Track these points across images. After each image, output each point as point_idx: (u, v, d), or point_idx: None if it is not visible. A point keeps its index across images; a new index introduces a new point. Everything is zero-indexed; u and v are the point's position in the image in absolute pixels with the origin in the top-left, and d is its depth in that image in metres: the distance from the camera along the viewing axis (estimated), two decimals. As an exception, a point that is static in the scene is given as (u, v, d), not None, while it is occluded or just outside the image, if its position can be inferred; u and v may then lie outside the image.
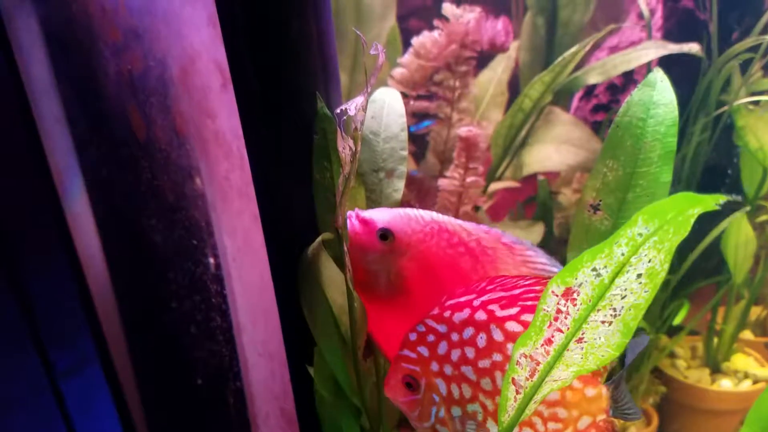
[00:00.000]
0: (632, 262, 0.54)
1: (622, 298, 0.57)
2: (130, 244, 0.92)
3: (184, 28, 0.75)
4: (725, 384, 1.56)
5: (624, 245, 0.53)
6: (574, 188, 1.69)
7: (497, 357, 0.68)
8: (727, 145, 1.43)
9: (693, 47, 1.26)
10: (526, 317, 0.68)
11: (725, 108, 1.35)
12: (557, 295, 0.59)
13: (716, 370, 1.63)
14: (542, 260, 0.75)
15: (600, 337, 0.60)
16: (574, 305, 0.59)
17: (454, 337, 0.69)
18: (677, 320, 1.45)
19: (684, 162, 1.39)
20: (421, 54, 1.07)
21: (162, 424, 1.01)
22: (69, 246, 0.87)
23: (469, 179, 1.09)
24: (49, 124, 0.84)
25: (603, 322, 0.59)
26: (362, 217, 0.76)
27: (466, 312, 0.69)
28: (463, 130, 1.01)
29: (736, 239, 1.37)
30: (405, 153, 0.90)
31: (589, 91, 1.58)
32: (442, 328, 0.70)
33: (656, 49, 1.28)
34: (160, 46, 0.76)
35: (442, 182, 1.11)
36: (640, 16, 1.63)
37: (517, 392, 0.66)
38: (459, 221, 0.76)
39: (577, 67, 1.49)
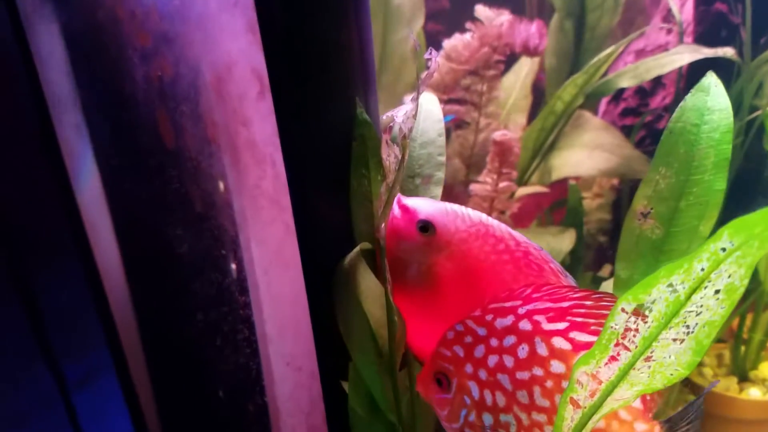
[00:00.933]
0: (712, 278, 0.51)
1: (697, 315, 0.54)
2: (152, 254, 0.89)
3: (220, 35, 0.72)
4: (754, 393, 1.53)
5: (705, 260, 0.50)
6: (594, 192, 1.67)
7: (538, 371, 0.65)
8: (760, 150, 1.40)
9: (728, 51, 1.24)
10: (575, 334, 0.65)
11: (758, 113, 1.32)
12: (627, 312, 0.55)
13: (744, 379, 1.59)
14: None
15: (670, 356, 0.57)
16: (645, 323, 0.55)
17: (494, 342, 0.67)
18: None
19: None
20: (453, 57, 1.04)
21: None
22: (86, 254, 0.84)
23: (502, 184, 1.06)
24: (69, 131, 0.81)
25: (675, 339, 0.56)
26: (404, 204, 0.73)
27: (510, 319, 0.66)
28: (497, 135, 0.98)
29: None
30: (443, 159, 0.87)
31: (618, 94, 1.55)
32: (481, 331, 0.67)
33: (690, 53, 1.25)
34: (193, 52, 0.73)
35: (475, 187, 1.08)
36: (665, 19, 1.60)
37: (575, 412, 0.63)
38: (509, 229, 0.73)
39: (606, 71, 1.46)
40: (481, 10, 1.06)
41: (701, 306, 0.53)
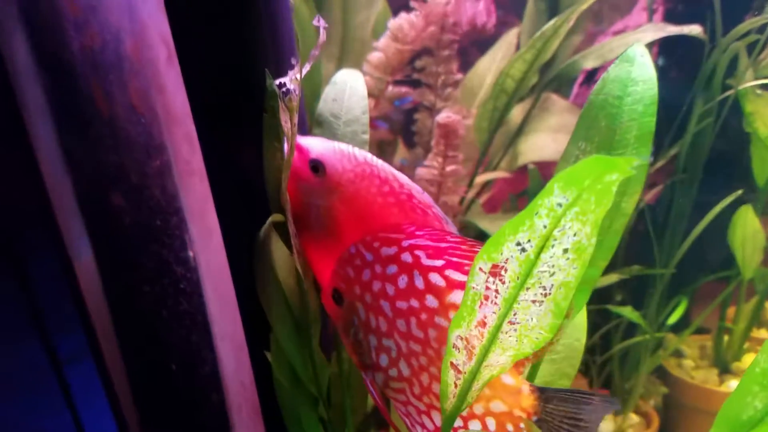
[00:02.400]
0: (556, 235, 0.50)
1: (551, 275, 0.53)
2: (105, 224, 0.91)
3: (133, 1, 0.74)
4: (734, 385, 1.48)
5: (545, 216, 0.49)
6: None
7: (414, 303, 0.67)
8: (738, 132, 1.35)
9: (694, 29, 1.20)
10: (450, 272, 0.65)
11: (731, 92, 1.28)
12: (485, 272, 0.55)
13: (725, 371, 1.55)
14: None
15: (532, 318, 0.56)
16: (503, 283, 0.55)
17: (378, 269, 0.69)
18: (673, 318, 1.38)
19: (686, 148, 1.32)
20: (398, 37, 1.04)
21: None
22: (55, 230, 0.86)
23: (448, 168, 1.05)
24: (35, 109, 0.84)
25: (534, 301, 0.55)
26: (298, 143, 0.73)
27: (394, 249, 0.68)
28: (441, 116, 0.98)
29: (743, 232, 1.30)
30: (366, 137, 0.87)
31: (590, 76, 1.52)
32: (368, 257, 0.70)
33: (655, 31, 1.22)
34: (113, 18, 0.75)
35: (420, 171, 1.08)
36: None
37: (457, 377, 0.63)
38: (393, 169, 0.72)
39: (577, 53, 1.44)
40: (425, -12, 1.06)
41: (553, 266, 0.53)
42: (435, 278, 0.65)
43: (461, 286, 0.64)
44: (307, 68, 0.67)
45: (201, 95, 0.76)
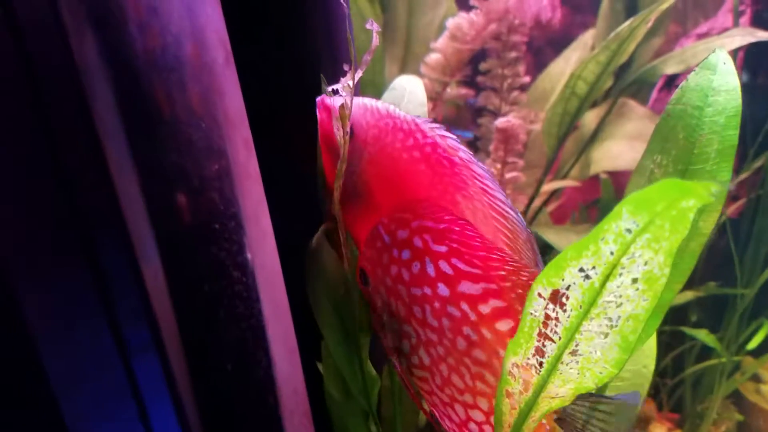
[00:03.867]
0: (624, 263, 0.46)
1: (618, 306, 0.49)
2: (167, 223, 0.91)
3: (192, 2, 0.74)
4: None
5: (612, 242, 0.45)
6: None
7: (428, 290, 0.64)
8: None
9: (787, 32, 1.11)
10: (456, 262, 0.62)
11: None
12: (544, 298, 0.51)
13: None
14: (500, 196, 0.67)
15: (596, 351, 0.52)
16: (564, 311, 0.51)
17: (395, 253, 0.66)
18: (753, 343, 1.28)
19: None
20: (458, 36, 1.00)
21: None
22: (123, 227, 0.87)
23: (508, 175, 1.00)
24: (102, 108, 0.85)
25: (598, 333, 0.51)
26: (325, 103, 0.70)
27: (406, 232, 0.65)
28: (500, 121, 0.93)
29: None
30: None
31: (670, 81, 1.43)
32: (387, 239, 0.67)
33: (743, 36, 1.13)
34: (174, 19, 0.75)
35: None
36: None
37: (513, 407, 0.59)
38: (415, 118, 0.67)
39: (658, 56, 1.36)
40: (485, -16, 1.01)
41: (620, 296, 0.48)
42: (444, 266, 0.62)
43: (468, 276, 0.61)
44: (359, 74, 0.64)
45: (256, 98, 0.75)
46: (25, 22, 0.68)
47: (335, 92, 0.65)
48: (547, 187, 1.26)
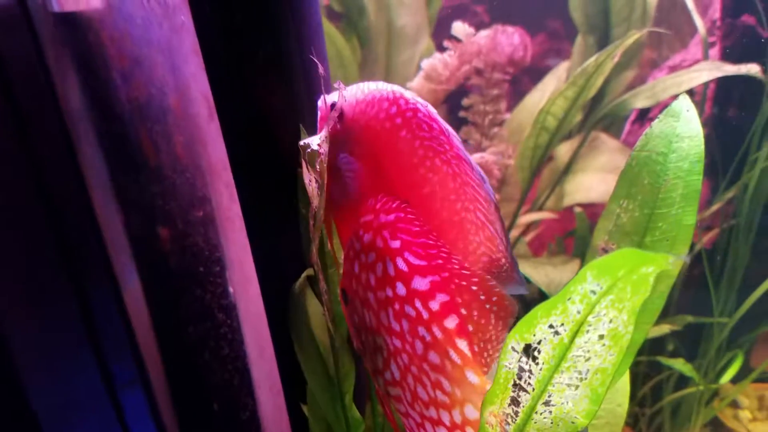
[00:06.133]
0: (590, 321, 0.48)
1: (586, 360, 0.51)
2: (152, 264, 0.92)
3: (175, 58, 0.75)
4: (797, 440, 1.40)
5: (578, 302, 0.47)
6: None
7: (389, 292, 0.61)
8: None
9: (752, 68, 1.15)
10: (408, 256, 0.60)
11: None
12: (517, 352, 0.53)
13: (788, 424, 1.46)
14: (475, 165, 0.66)
15: (568, 402, 0.54)
16: (537, 364, 0.53)
17: (363, 258, 0.63)
18: (728, 376, 1.30)
19: (746, 191, 1.26)
20: (433, 77, 1.03)
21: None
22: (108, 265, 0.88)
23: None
24: (88, 150, 0.87)
25: (569, 385, 0.53)
26: (328, 101, 0.71)
27: (370, 234, 0.62)
28: (474, 157, 0.96)
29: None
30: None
31: (643, 114, 1.47)
32: (357, 246, 0.64)
33: (710, 70, 1.17)
34: (157, 74, 0.77)
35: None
36: (710, 32, 1.51)
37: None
38: (401, 89, 0.68)
39: (631, 88, 1.40)
40: (458, 27, 1.04)
41: (588, 351, 0.50)
42: (400, 263, 0.60)
43: (418, 270, 0.59)
44: (329, 127, 0.66)
45: (237, 147, 0.77)
46: (12, 74, 0.70)
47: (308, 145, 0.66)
48: (524, 219, 1.29)
